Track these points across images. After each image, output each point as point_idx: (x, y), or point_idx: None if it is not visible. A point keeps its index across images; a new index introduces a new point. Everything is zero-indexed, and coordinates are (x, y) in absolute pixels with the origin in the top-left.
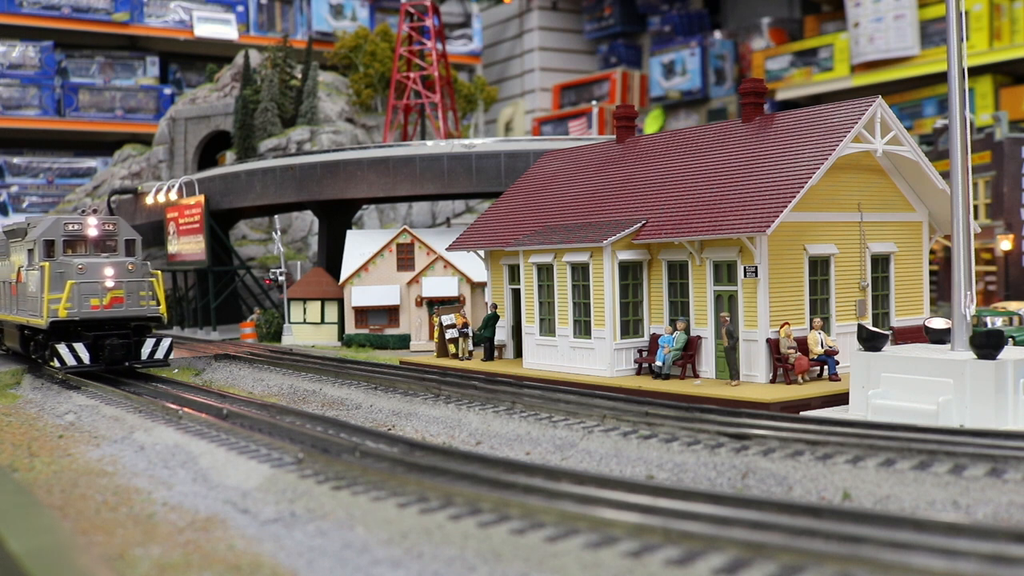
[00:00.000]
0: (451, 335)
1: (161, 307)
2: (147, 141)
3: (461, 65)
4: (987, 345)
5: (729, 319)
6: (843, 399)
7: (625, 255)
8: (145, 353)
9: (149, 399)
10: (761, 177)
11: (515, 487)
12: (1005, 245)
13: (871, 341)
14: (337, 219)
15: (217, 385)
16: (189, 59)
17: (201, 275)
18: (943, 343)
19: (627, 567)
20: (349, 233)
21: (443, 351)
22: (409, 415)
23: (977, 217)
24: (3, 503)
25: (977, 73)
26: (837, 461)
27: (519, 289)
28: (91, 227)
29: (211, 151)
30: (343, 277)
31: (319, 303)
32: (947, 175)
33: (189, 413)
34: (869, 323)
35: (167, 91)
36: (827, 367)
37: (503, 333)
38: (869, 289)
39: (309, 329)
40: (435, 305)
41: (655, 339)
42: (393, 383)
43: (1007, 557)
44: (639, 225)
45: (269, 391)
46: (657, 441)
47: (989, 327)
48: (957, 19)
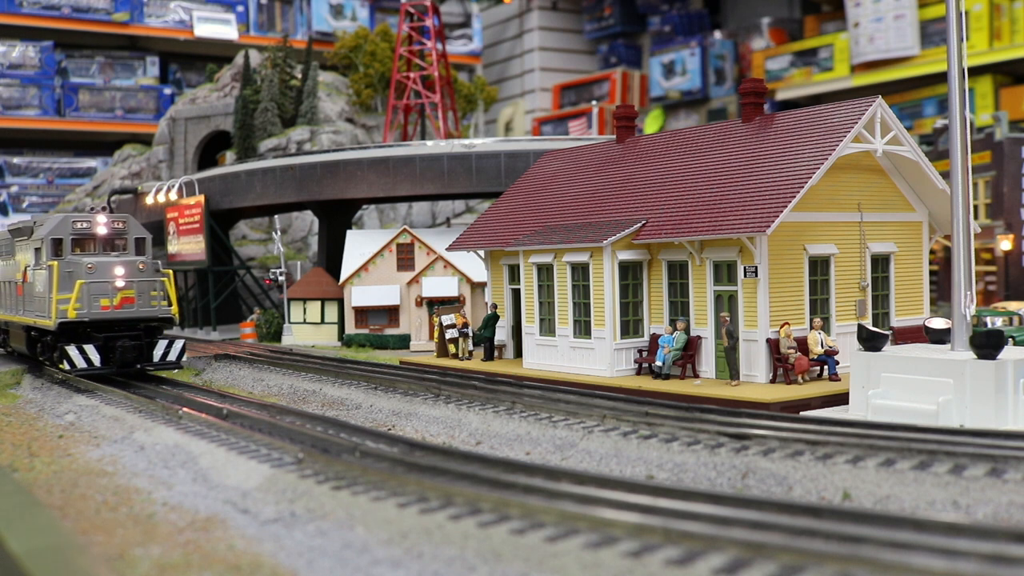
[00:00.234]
0: (451, 335)
1: (173, 308)
2: (147, 141)
3: (461, 65)
4: (987, 345)
5: (729, 319)
6: (843, 399)
7: (625, 255)
8: (157, 355)
9: (149, 399)
10: (761, 177)
11: (515, 487)
12: (1005, 245)
13: (871, 341)
14: (337, 219)
15: (217, 385)
16: (189, 59)
17: (201, 275)
18: (943, 343)
19: (627, 567)
20: (349, 233)
21: (443, 351)
22: (409, 415)
23: (977, 217)
24: (3, 503)
25: (977, 73)
26: (837, 461)
27: (519, 289)
28: (100, 225)
29: (211, 151)
30: (343, 277)
31: (319, 303)
32: (947, 175)
33: (189, 413)
34: (869, 323)
35: (167, 91)
36: (827, 367)
37: (503, 333)
38: (869, 289)
39: (309, 329)
40: (435, 305)
41: (655, 339)
42: (393, 383)
43: (1007, 557)
44: (639, 225)
45: (269, 391)
46: (657, 441)
47: (989, 327)
48: (957, 19)
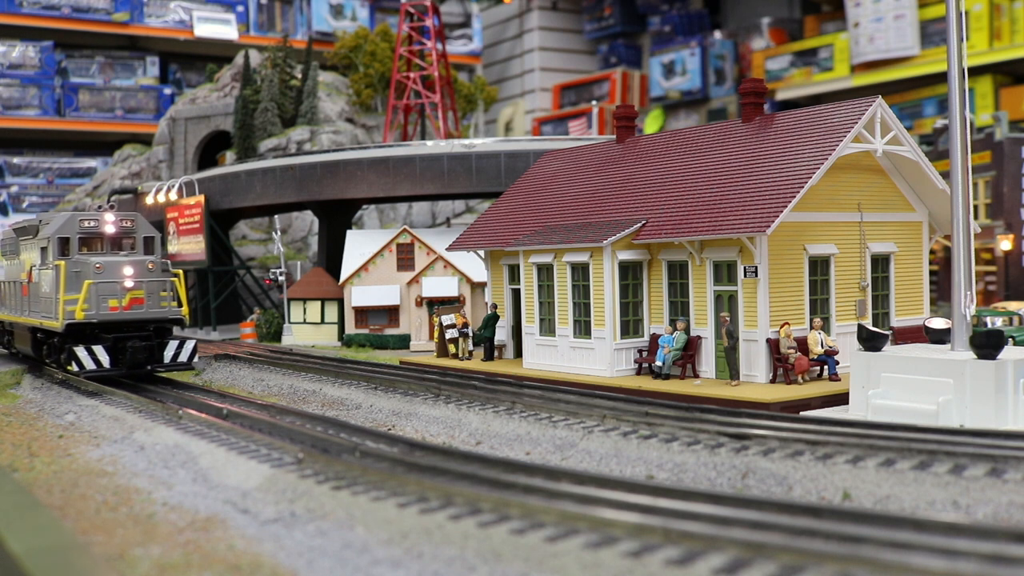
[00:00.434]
0: (451, 335)
1: (183, 308)
2: (147, 141)
3: (461, 65)
4: (987, 345)
5: (729, 319)
6: (843, 399)
7: (625, 255)
8: (168, 356)
9: (149, 399)
10: (761, 177)
11: (515, 487)
12: (1005, 245)
13: (871, 341)
14: (337, 219)
15: (217, 385)
16: (189, 59)
17: (201, 275)
18: (943, 343)
19: (627, 567)
20: (349, 233)
21: (443, 351)
22: (409, 415)
23: (977, 217)
24: (3, 503)
25: (977, 73)
26: (837, 461)
27: (519, 289)
28: (108, 224)
29: (211, 151)
30: (343, 277)
31: (319, 303)
32: (947, 175)
33: (189, 413)
34: (869, 323)
35: (167, 91)
36: (827, 367)
37: (503, 333)
38: (869, 289)
39: (309, 329)
40: (435, 305)
41: (655, 339)
42: (393, 383)
43: (1007, 557)
44: (639, 225)
45: (269, 391)
46: (657, 441)
47: (989, 327)
48: (957, 19)
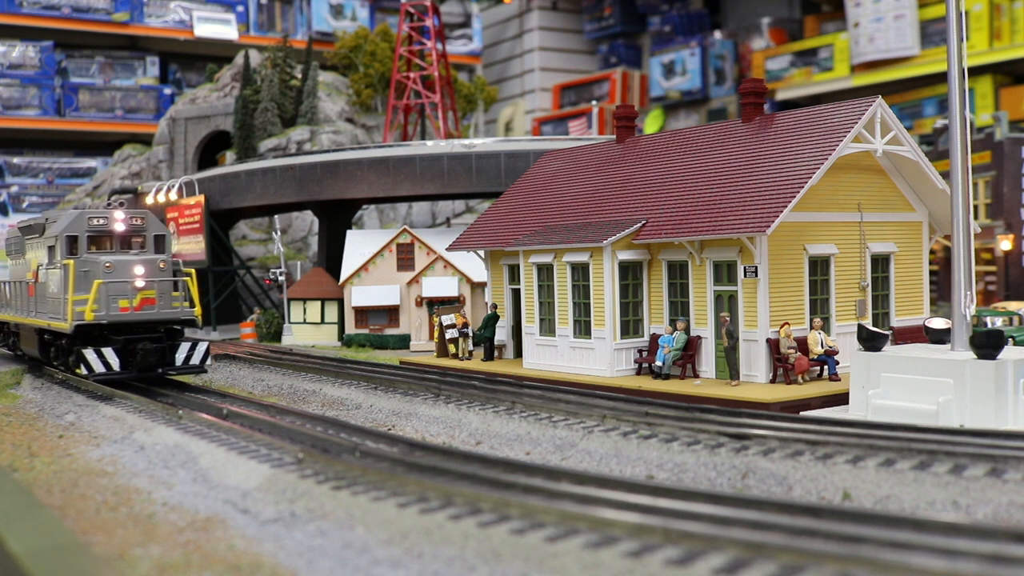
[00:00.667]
0: (451, 335)
1: (196, 309)
2: (147, 141)
3: (461, 65)
4: (987, 345)
5: (729, 319)
6: (843, 399)
7: (625, 255)
8: (180, 359)
9: (149, 399)
10: (761, 177)
11: (515, 487)
12: (1005, 245)
13: (871, 341)
14: (337, 219)
15: (217, 385)
16: (189, 59)
17: (201, 275)
18: (943, 343)
19: (627, 567)
20: (349, 233)
21: (443, 351)
22: (409, 415)
23: (977, 217)
24: (3, 503)
25: (977, 73)
26: (837, 461)
27: (519, 289)
28: (118, 221)
29: (211, 151)
30: (343, 277)
31: (319, 303)
32: (947, 175)
33: (189, 413)
34: (869, 323)
35: (167, 91)
36: (827, 367)
37: (503, 333)
38: (869, 289)
39: (309, 329)
40: (435, 305)
41: (655, 339)
42: (393, 383)
43: (1007, 557)
44: (639, 225)
45: (269, 391)
46: (657, 441)
47: (989, 327)
48: (957, 19)
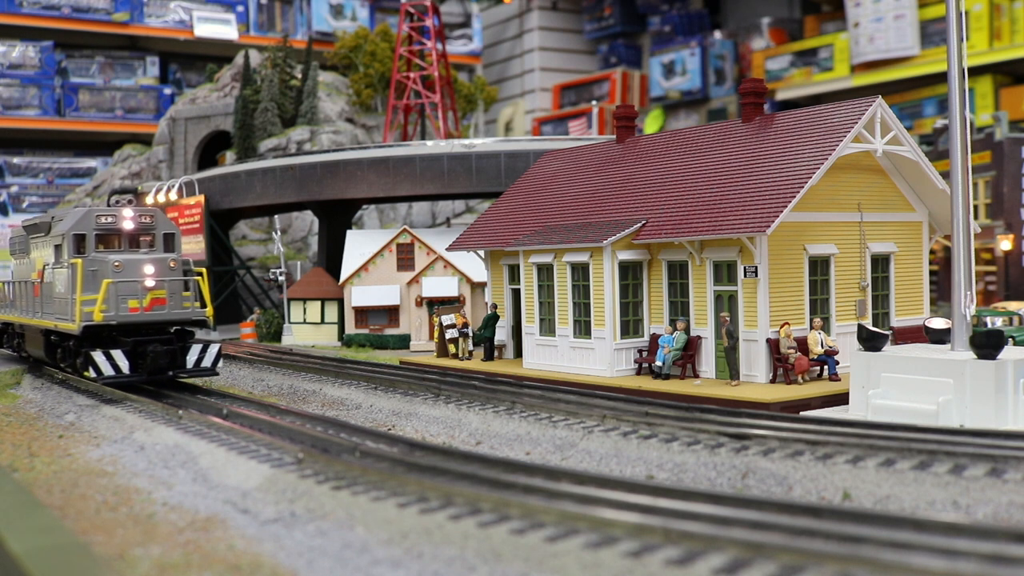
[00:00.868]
0: (451, 335)
1: (208, 309)
2: (147, 141)
3: (461, 65)
4: (987, 345)
5: (729, 319)
6: (843, 399)
7: (625, 255)
8: (191, 361)
9: (149, 399)
10: (761, 177)
11: (515, 487)
12: (1005, 245)
13: (871, 341)
14: (337, 219)
15: (217, 385)
16: (189, 59)
17: None
18: (943, 343)
19: (627, 567)
20: (349, 233)
21: (443, 351)
22: (409, 415)
23: (977, 217)
24: (3, 503)
25: (977, 73)
26: (837, 461)
27: (519, 289)
28: (126, 219)
29: (211, 151)
30: (343, 277)
31: (319, 303)
32: (947, 175)
33: (189, 413)
34: (869, 323)
35: (167, 91)
36: (827, 367)
37: (503, 333)
38: (869, 289)
39: (309, 329)
40: (435, 305)
41: (655, 339)
42: (393, 383)
43: (1007, 557)
44: (639, 225)
45: (269, 391)
46: (657, 441)
47: (989, 327)
48: (957, 19)
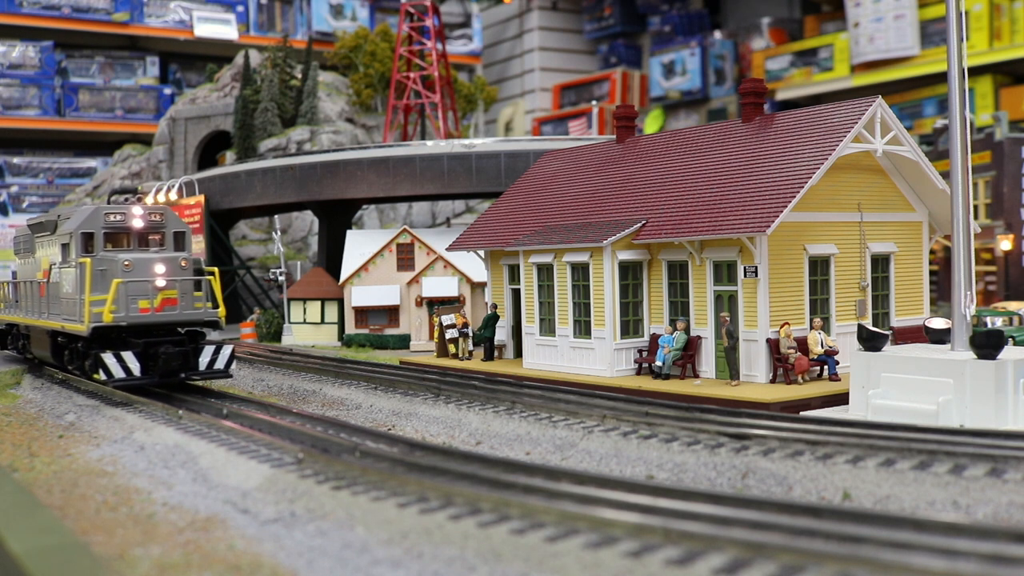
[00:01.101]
0: (451, 335)
1: (220, 309)
2: (147, 141)
3: (461, 65)
4: (987, 345)
5: (729, 319)
6: (843, 399)
7: (625, 255)
8: (203, 363)
9: (149, 399)
10: (761, 177)
11: (515, 487)
12: (1005, 245)
13: (871, 341)
14: (337, 219)
15: (217, 385)
16: (189, 59)
17: None
18: (943, 343)
19: (627, 567)
20: (349, 233)
21: (443, 351)
22: (409, 415)
23: (977, 217)
24: (3, 503)
25: (977, 73)
26: (837, 461)
27: (519, 289)
28: (136, 217)
29: (211, 151)
30: (343, 277)
31: (319, 303)
32: (947, 175)
33: (189, 413)
34: (869, 323)
35: (167, 91)
36: (827, 367)
37: (503, 333)
38: (869, 289)
39: (309, 329)
40: (435, 305)
41: (655, 339)
42: (393, 383)
43: (1007, 557)
44: (639, 225)
45: (269, 391)
46: (657, 441)
47: (989, 327)
48: (957, 19)
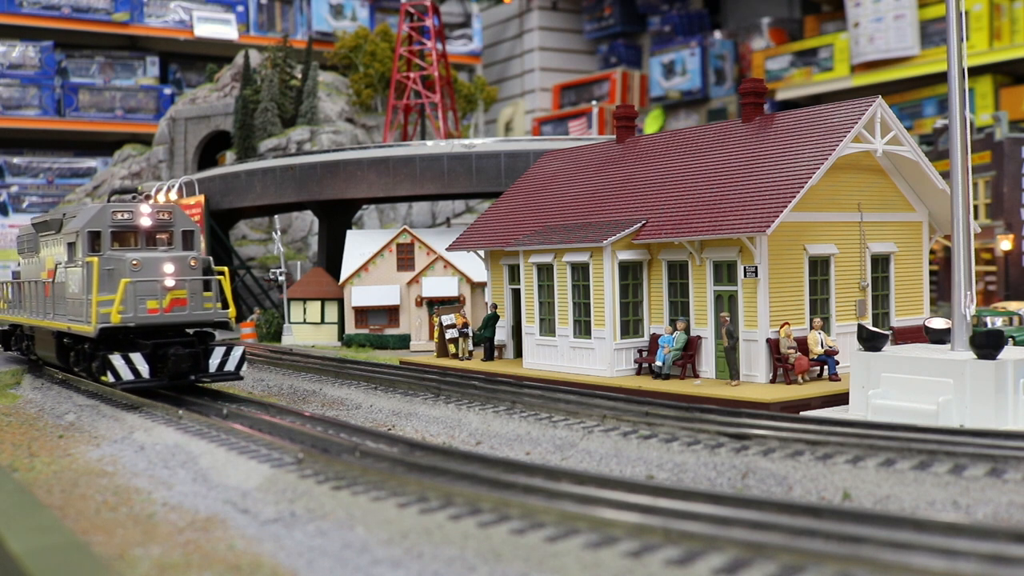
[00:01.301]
0: (451, 335)
1: (230, 310)
2: (147, 141)
3: (461, 65)
4: (987, 345)
5: (729, 319)
6: (843, 399)
7: (625, 255)
8: (214, 365)
9: (149, 399)
10: (761, 177)
11: (515, 487)
12: (1005, 245)
13: (871, 341)
14: (337, 219)
15: (217, 385)
16: (189, 59)
17: None
18: (943, 343)
19: (627, 567)
20: (349, 233)
21: (443, 351)
22: (409, 415)
23: (977, 217)
24: (3, 503)
25: (977, 73)
26: (837, 461)
27: (519, 289)
28: (144, 216)
29: (211, 151)
30: (343, 277)
31: (319, 303)
32: (947, 175)
33: (189, 413)
34: (869, 323)
35: (167, 91)
36: (827, 367)
37: (503, 333)
38: (869, 289)
39: (309, 329)
40: (435, 305)
41: (655, 339)
42: (393, 383)
43: (1007, 557)
44: (639, 225)
45: (269, 391)
46: (657, 441)
47: (989, 327)
48: (957, 19)
